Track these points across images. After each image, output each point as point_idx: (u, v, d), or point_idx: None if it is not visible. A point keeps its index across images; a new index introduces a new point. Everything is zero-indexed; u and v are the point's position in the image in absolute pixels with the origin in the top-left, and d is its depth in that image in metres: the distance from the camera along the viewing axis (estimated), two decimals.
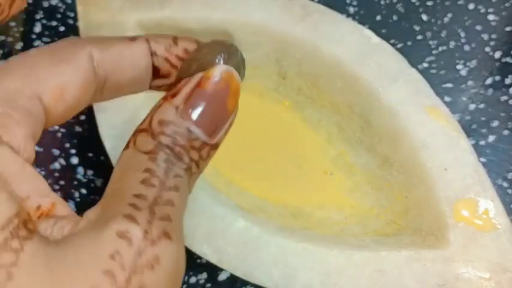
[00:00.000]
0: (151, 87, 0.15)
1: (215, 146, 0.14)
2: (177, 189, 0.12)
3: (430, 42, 0.34)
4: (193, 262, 0.28)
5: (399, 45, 0.34)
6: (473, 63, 0.34)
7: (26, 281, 0.10)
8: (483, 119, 0.32)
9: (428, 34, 0.35)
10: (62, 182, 0.30)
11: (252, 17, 0.29)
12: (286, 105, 0.31)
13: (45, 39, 0.35)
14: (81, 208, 0.26)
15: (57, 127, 0.32)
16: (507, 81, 0.33)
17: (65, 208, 0.13)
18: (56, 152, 0.31)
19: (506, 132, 0.31)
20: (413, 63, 0.29)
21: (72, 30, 0.35)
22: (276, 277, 0.24)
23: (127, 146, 0.13)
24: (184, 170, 0.13)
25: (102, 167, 0.30)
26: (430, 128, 0.26)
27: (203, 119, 0.13)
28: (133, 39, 0.14)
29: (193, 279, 0.28)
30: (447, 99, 0.32)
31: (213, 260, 0.25)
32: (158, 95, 0.15)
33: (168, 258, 0.11)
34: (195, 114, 0.13)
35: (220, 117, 0.14)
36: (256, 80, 0.31)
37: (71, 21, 0.36)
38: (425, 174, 0.25)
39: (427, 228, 0.25)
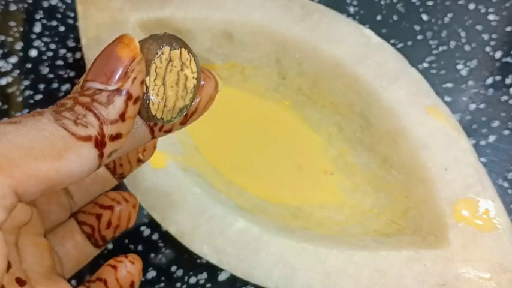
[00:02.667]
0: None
1: (120, 92, 0.14)
2: (14, 122, 0.13)
3: (431, 42, 0.34)
4: (193, 262, 0.28)
5: (399, 45, 0.34)
6: (473, 63, 0.34)
7: None
8: (483, 119, 0.32)
9: (429, 34, 0.35)
10: None
11: (252, 17, 0.29)
12: (286, 105, 0.31)
13: (45, 39, 0.35)
14: None
15: None
16: (507, 81, 0.33)
17: None
18: None
19: (506, 132, 0.31)
20: (414, 63, 0.29)
21: (72, 30, 0.36)
22: (276, 277, 0.24)
23: None
24: (53, 111, 0.14)
25: None
26: (430, 128, 0.26)
27: (94, 71, 0.14)
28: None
29: (193, 279, 0.28)
30: (447, 99, 0.32)
31: (213, 260, 0.25)
32: None
33: None
34: (89, 74, 0.14)
35: (111, 64, 0.14)
36: (256, 80, 0.31)
37: (71, 21, 0.36)
38: (426, 174, 0.25)
39: (427, 228, 0.25)
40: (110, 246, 0.29)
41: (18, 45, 0.35)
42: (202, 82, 0.16)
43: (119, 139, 0.14)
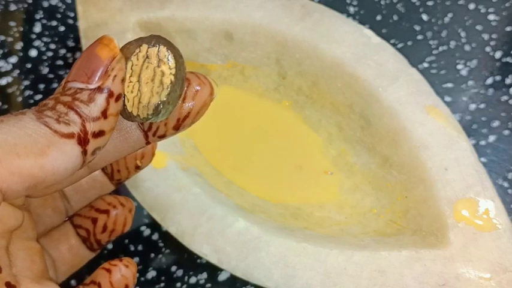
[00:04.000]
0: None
1: (101, 90, 0.14)
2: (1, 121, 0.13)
3: (431, 42, 0.34)
4: (193, 262, 0.28)
5: (399, 45, 0.34)
6: (473, 63, 0.34)
7: None
8: (483, 119, 0.32)
9: (429, 34, 0.35)
10: None
11: (252, 17, 0.29)
12: (286, 105, 0.31)
13: (45, 39, 0.35)
14: None
15: None
16: (507, 81, 0.33)
17: None
18: None
19: (506, 132, 0.31)
20: (414, 63, 0.29)
21: (72, 30, 0.36)
22: (276, 277, 0.24)
23: None
24: (35, 111, 0.14)
25: None
26: (430, 128, 0.26)
27: (75, 72, 0.14)
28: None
29: (193, 279, 0.28)
30: (447, 99, 0.32)
31: (213, 260, 0.25)
32: None
33: None
34: (71, 75, 0.14)
35: (92, 64, 0.14)
36: (256, 80, 0.31)
37: (71, 21, 0.36)
38: (426, 174, 0.25)
39: (427, 228, 0.25)
40: (110, 246, 0.29)
41: (18, 45, 0.35)
42: (198, 87, 0.16)
43: (102, 136, 0.14)
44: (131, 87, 0.15)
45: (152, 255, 0.29)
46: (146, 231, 0.29)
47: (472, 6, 0.36)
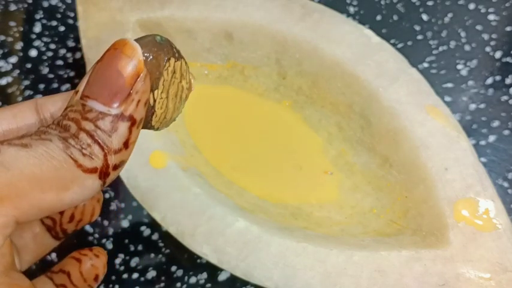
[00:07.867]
0: None
1: (124, 118, 0.13)
2: (25, 146, 0.13)
3: (431, 42, 0.34)
4: (193, 262, 0.28)
5: (399, 45, 0.34)
6: (473, 63, 0.34)
7: None
8: (483, 119, 0.32)
9: (429, 34, 0.35)
10: None
11: (252, 17, 0.29)
12: (286, 105, 0.31)
13: (45, 39, 0.35)
14: None
15: None
16: (507, 81, 0.33)
17: None
18: None
19: (506, 132, 0.31)
20: (414, 63, 0.29)
21: (72, 30, 0.36)
22: (276, 277, 0.24)
23: None
24: (60, 137, 0.13)
25: None
26: (431, 127, 0.26)
27: (94, 87, 0.13)
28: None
29: (193, 279, 0.28)
30: (447, 99, 0.32)
31: (213, 260, 0.25)
32: None
33: None
34: (89, 88, 0.13)
35: (114, 83, 0.13)
36: (256, 80, 0.31)
37: (71, 21, 0.36)
38: (426, 174, 0.25)
39: (427, 228, 0.25)
40: (109, 246, 0.29)
41: (18, 45, 0.35)
42: None
43: (121, 166, 0.14)
44: (161, 103, 0.14)
45: (152, 255, 0.29)
46: (146, 231, 0.29)
47: (472, 6, 0.36)
